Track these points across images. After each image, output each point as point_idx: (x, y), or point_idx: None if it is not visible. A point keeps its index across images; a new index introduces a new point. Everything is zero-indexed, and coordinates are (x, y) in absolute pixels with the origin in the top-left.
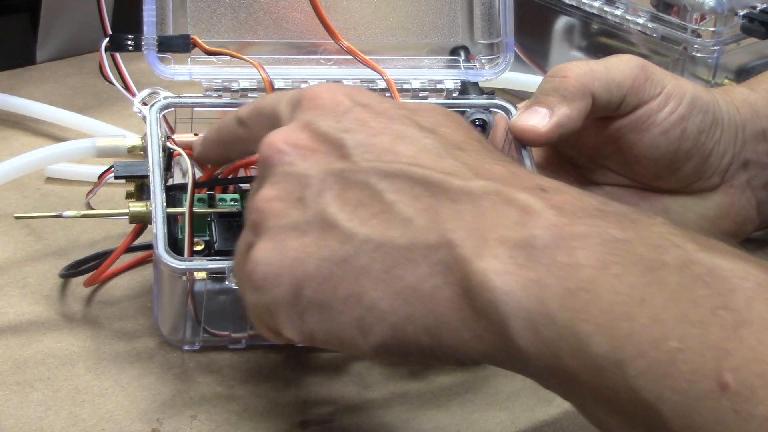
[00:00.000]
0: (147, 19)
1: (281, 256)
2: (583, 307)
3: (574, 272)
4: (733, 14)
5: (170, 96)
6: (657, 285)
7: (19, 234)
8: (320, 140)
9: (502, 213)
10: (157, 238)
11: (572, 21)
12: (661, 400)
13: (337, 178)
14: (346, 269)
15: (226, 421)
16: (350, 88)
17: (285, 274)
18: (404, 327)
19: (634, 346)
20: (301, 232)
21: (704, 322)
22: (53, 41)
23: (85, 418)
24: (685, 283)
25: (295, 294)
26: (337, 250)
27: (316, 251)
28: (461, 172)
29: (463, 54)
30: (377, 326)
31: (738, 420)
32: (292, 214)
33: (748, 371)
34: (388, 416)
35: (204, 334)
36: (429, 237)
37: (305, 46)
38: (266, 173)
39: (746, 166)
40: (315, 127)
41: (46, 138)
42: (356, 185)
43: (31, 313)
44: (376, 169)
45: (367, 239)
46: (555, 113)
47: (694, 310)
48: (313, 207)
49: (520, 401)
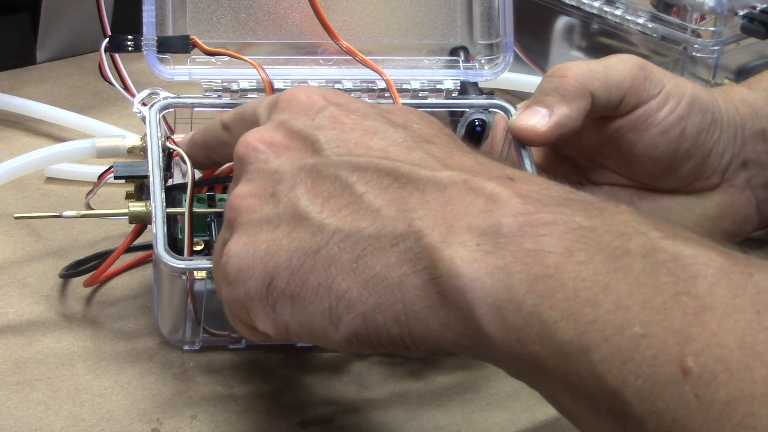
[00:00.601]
0: (146, 20)
1: (253, 249)
2: (549, 294)
3: (540, 259)
4: (733, 14)
5: (170, 96)
6: (621, 272)
7: (19, 234)
8: (294, 137)
9: (469, 201)
10: (156, 238)
11: (572, 21)
12: (625, 385)
13: (309, 172)
14: (316, 260)
15: (226, 421)
16: (325, 90)
17: (257, 266)
18: (374, 316)
19: (598, 332)
20: (273, 226)
21: (667, 308)
22: (53, 41)
23: (85, 418)
24: (648, 269)
25: (267, 286)
26: (308, 241)
27: (287, 243)
28: (430, 163)
29: (463, 54)
30: (347, 316)
31: (700, 404)
32: (265, 209)
33: (710, 356)
34: (388, 416)
35: (204, 334)
36: (397, 226)
37: (305, 47)
38: (241, 171)
39: (746, 166)
40: (289, 126)
41: (46, 138)
42: (327, 179)
43: (31, 313)
44: (346, 162)
45: (337, 230)
46: (554, 113)
47: (658, 296)
48: (285, 201)
49: (520, 401)
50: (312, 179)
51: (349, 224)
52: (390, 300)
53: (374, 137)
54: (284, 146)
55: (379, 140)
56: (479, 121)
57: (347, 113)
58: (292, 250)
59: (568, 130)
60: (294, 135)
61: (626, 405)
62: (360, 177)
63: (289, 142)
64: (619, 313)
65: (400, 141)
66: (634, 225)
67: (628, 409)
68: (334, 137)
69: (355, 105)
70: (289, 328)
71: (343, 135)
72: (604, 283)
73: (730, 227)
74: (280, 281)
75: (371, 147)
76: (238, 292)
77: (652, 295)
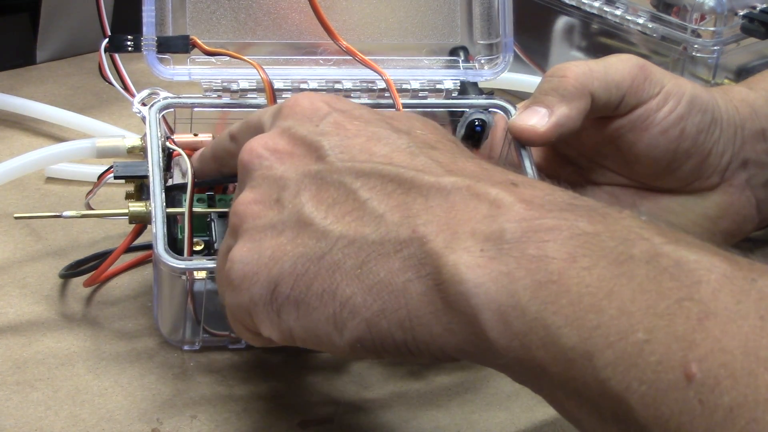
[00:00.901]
0: (146, 20)
1: (258, 255)
2: (553, 299)
3: (543, 264)
4: (733, 14)
5: (170, 96)
6: (625, 277)
7: (19, 234)
8: (297, 144)
9: (472, 207)
10: (156, 238)
11: (572, 21)
12: (629, 391)
13: (314, 178)
14: (320, 266)
15: (226, 421)
16: (329, 96)
17: (261, 272)
18: (378, 322)
19: (602, 338)
20: (278, 231)
21: (670, 313)
22: (53, 41)
23: (85, 418)
24: (652, 275)
25: (271, 292)
26: (312, 247)
27: (291, 249)
28: (433, 168)
29: (463, 54)
30: (351, 321)
31: (703, 410)
32: (269, 215)
33: (713, 362)
34: (388, 416)
35: (204, 334)
36: (401, 232)
37: (304, 47)
38: (246, 178)
39: (745, 166)
40: (293, 132)
41: (46, 138)
42: (331, 185)
43: (31, 313)
44: (350, 168)
45: (341, 236)
46: (554, 113)
47: (661, 302)
48: (289, 207)
49: (520, 401)
50: (316, 185)
51: (353, 230)
52: (394, 305)
53: (378, 143)
54: (288, 153)
55: (383, 146)
56: (479, 121)
57: (351, 119)
58: (297, 256)
59: (567, 130)
60: (298, 141)
61: (630, 410)
62: (364, 183)
63: (293, 149)
64: (622, 319)
65: (404, 147)
66: (637, 230)
67: (632, 415)
68: (338, 143)
69: (359, 111)
70: (294, 334)
71: (347, 141)
72: (607, 289)
73: (730, 227)
74: (284, 287)
75: (375, 153)
76: (242, 297)
77: (656, 301)
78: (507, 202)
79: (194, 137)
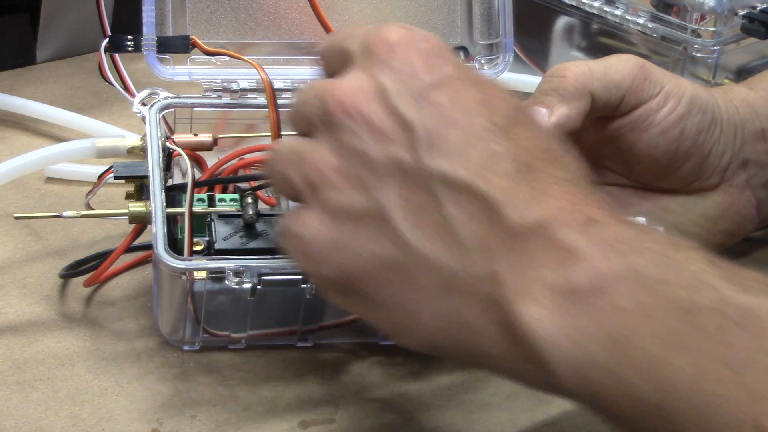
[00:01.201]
0: (146, 20)
1: (331, 239)
2: (625, 353)
3: (614, 317)
4: (733, 14)
5: (170, 96)
6: (695, 329)
7: (19, 234)
8: (390, 117)
9: (548, 252)
10: (156, 238)
11: (572, 21)
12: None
13: (401, 171)
14: (394, 274)
15: (226, 421)
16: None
17: (333, 259)
18: (442, 343)
19: (675, 391)
20: (356, 219)
21: (741, 366)
22: (53, 41)
23: (85, 418)
24: (721, 325)
25: (339, 278)
26: (389, 251)
27: (366, 246)
28: (521, 195)
29: (463, 54)
30: (414, 332)
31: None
32: (349, 195)
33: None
34: (388, 416)
35: (204, 334)
36: (478, 267)
37: (305, 47)
38: (331, 128)
39: (745, 166)
40: (389, 100)
41: (46, 138)
42: (418, 186)
43: (31, 313)
44: (441, 173)
45: (419, 251)
46: (554, 113)
47: (731, 354)
48: (371, 196)
49: (520, 401)
50: (402, 180)
51: (431, 248)
52: (460, 334)
53: (476, 146)
54: (377, 126)
55: (479, 152)
56: None
57: (452, 103)
58: (371, 255)
59: (567, 130)
60: (390, 113)
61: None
62: (451, 194)
63: (383, 122)
64: (694, 372)
65: (499, 157)
66: (703, 277)
67: None
68: (433, 133)
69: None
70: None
71: (443, 132)
72: (678, 341)
73: (730, 227)
74: (354, 280)
75: (470, 158)
76: (307, 266)
77: (726, 353)
78: (581, 250)
79: (194, 137)
